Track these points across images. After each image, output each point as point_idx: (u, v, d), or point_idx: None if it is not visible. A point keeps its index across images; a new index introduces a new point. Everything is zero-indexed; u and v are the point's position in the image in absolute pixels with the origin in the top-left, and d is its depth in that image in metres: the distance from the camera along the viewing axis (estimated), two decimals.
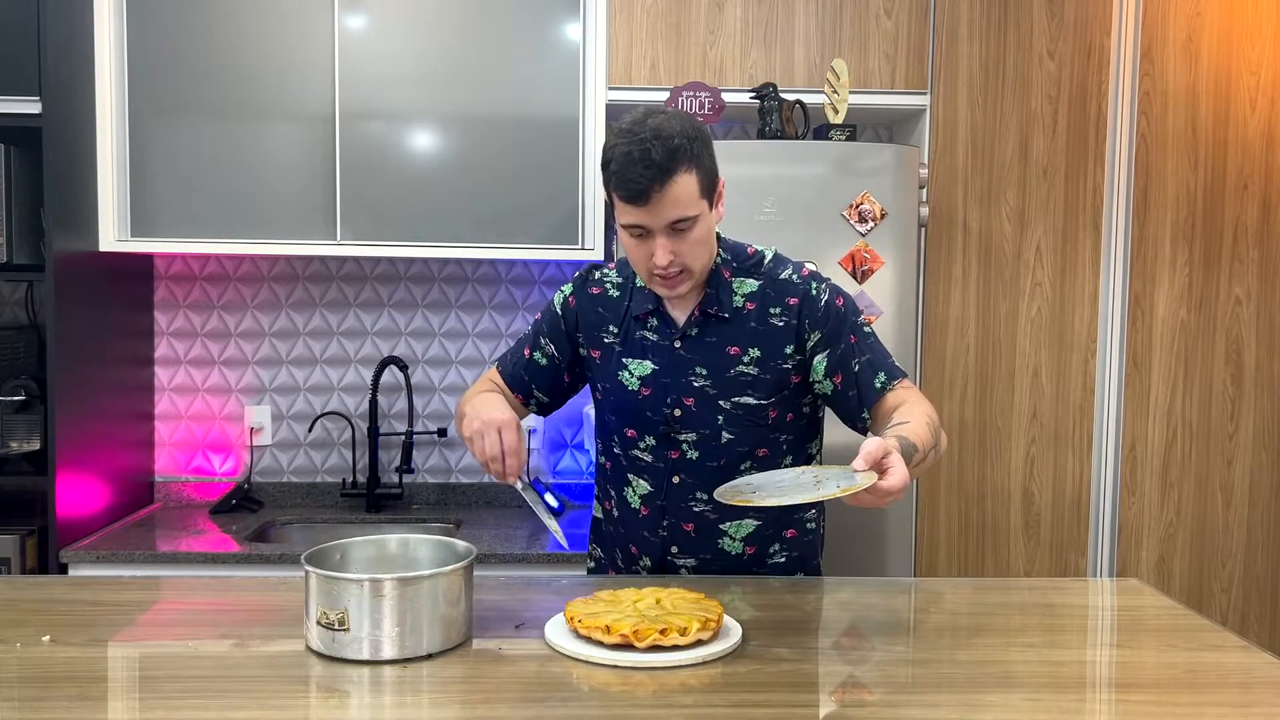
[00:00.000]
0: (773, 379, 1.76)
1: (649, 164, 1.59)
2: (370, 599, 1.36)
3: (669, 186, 1.61)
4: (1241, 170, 2.83)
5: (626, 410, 1.80)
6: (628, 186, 1.61)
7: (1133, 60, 2.81)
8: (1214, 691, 1.33)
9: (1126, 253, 2.84)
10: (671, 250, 1.65)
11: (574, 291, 1.87)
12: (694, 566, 1.82)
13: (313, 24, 2.74)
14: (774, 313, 1.76)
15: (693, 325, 1.76)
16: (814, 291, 1.77)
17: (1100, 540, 2.87)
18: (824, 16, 2.78)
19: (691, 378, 1.76)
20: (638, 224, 1.64)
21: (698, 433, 1.77)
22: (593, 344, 1.84)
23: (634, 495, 1.83)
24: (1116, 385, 2.86)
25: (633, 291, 1.82)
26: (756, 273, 1.79)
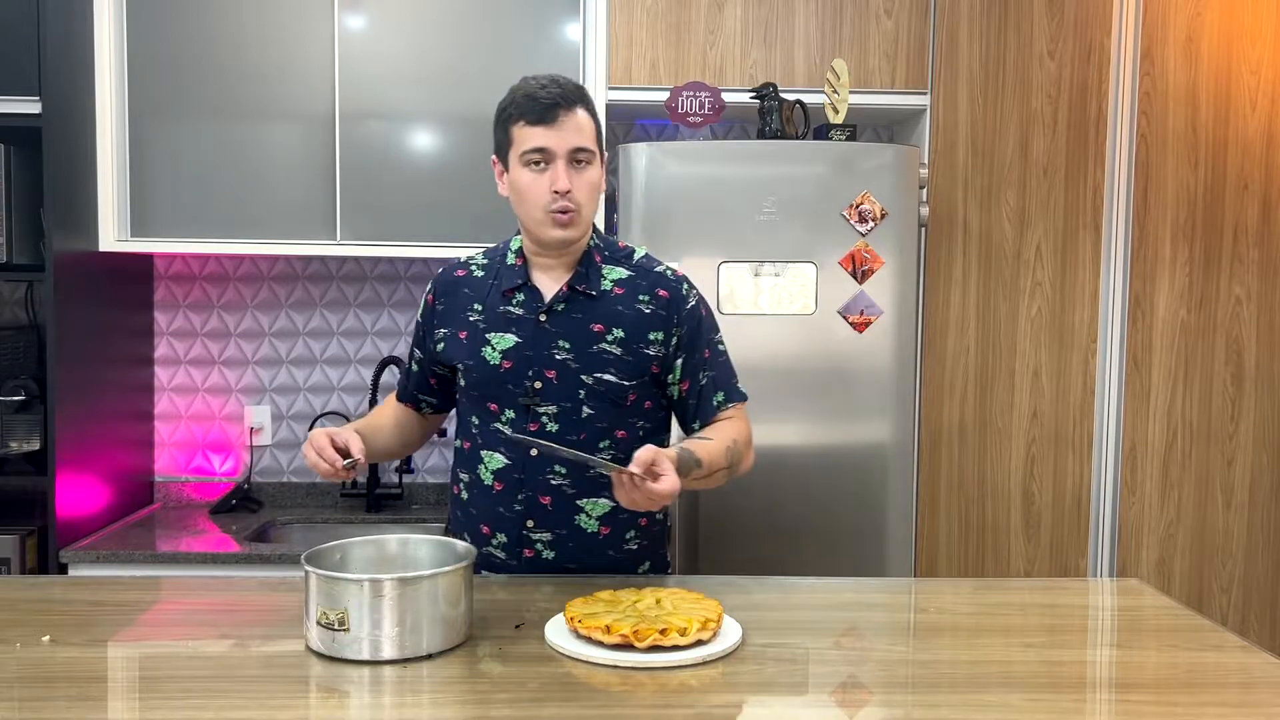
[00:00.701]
0: (634, 361, 1.81)
1: (557, 84, 1.75)
2: (370, 599, 1.36)
3: (575, 112, 1.75)
4: (1241, 170, 2.83)
5: (488, 383, 1.82)
6: (535, 108, 1.72)
7: (1133, 60, 2.81)
8: (1214, 691, 1.33)
9: (1126, 253, 2.84)
10: (570, 181, 1.74)
11: (434, 288, 1.92)
12: (550, 542, 1.82)
13: (313, 24, 2.74)
14: (643, 299, 1.83)
15: (559, 300, 1.81)
16: (684, 291, 1.86)
17: (1100, 540, 2.87)
18: (824, 16, 2.78)
19: (554, 350, 1.80)
20: (541, 147, 1.73)
21: (558, 405, 1.80)
22: (458, 326, 1.86)
23: (487, 472, 1.83)
24: (1116, 385, 2.86)
25: (500, 271, 1.87)
26: (627, 263, 1.87)
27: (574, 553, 1.83)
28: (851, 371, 2.55)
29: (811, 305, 2.54)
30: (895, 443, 2.58)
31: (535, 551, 1.82)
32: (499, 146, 1.81)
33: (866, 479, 2.57)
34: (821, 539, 2.55)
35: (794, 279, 2.54)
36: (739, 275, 2.53)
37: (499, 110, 1.79)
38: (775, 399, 2.53)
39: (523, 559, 1.83)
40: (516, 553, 1.82)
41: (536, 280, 1.83)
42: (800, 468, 2.55)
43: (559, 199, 1.73)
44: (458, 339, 1.85)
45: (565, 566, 1.82)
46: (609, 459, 1.79)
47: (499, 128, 1.79)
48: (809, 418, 2.55)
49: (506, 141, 1.77)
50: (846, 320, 2.55)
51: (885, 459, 2.57)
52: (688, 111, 2.62)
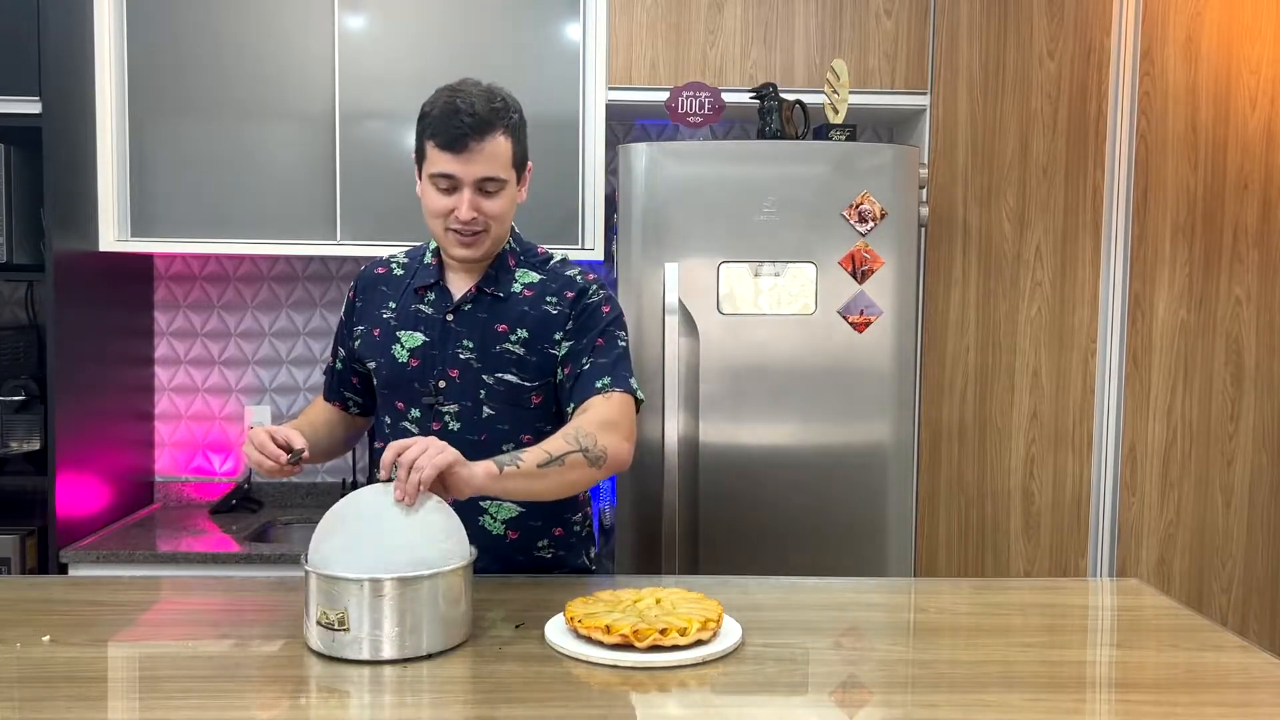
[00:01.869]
0: (538, 361, 1.81)
1: (472, 114, 1.69)
2: (370, 599, 1.36)
3: (486, 142, 1.70)
4: (1241, 170, 2.83)
5: (397, 382, 1.83)
6: (447, 133, 1.69)
7: (1133, 60, 2.81)
8: (1214, 691, 1.33)
9: (1126, 253, 2.84)
10: (475, 208, 1.72)
11: (355, 285, 1.94)
12: None
13: (313, 24, 2.74)
14: (550, 301, 1.84)
15: (467, 300, 1.83)
16: (591, 291, 1.85)
17: (1100, 540, 2.87)
18: (824, 16, 2.78)
19: (458, 349, 1.81)
20: (448, 174, 1.71)
21: (460, 404, 1.81)
22: (372, 324, 1.87)
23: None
24: (1116, 385, 2.86)
25: (417, 270, 1.88)
26: (542, 269, 1.87)
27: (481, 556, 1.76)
28: (851, 371, 2.55)
29: (811, 305, 2.54)
30: (895, 443, 2.58)
31: None
32: (416, 152, 1.79)
33: (866, 479, 2.57)
34: (821, 539, 2.55)
35: (794, 279, 2.54)
36: (739, 275, 2.53)
37: (420, 112, 1.75)
38: (775, 399, 2.53)
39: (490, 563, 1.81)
40: None
41: (449, 281, 1.85)
42: (800, 468, 2.55)
43: (459, 223, 1.74)
44: (371, 336, 1.87)
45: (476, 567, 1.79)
46: None
47: (417, 134, 1.77)
48: (809, 418, 2.55)
49: (421, 152, 1.76)
50: (846, 320, 2.55)
51: (885, 459, 2.57)
52: (688, 111, 2.62)
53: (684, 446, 2.51)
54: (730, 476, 2.54)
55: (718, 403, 2.53)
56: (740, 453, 2.54)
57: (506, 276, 1.84)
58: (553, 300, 1.83)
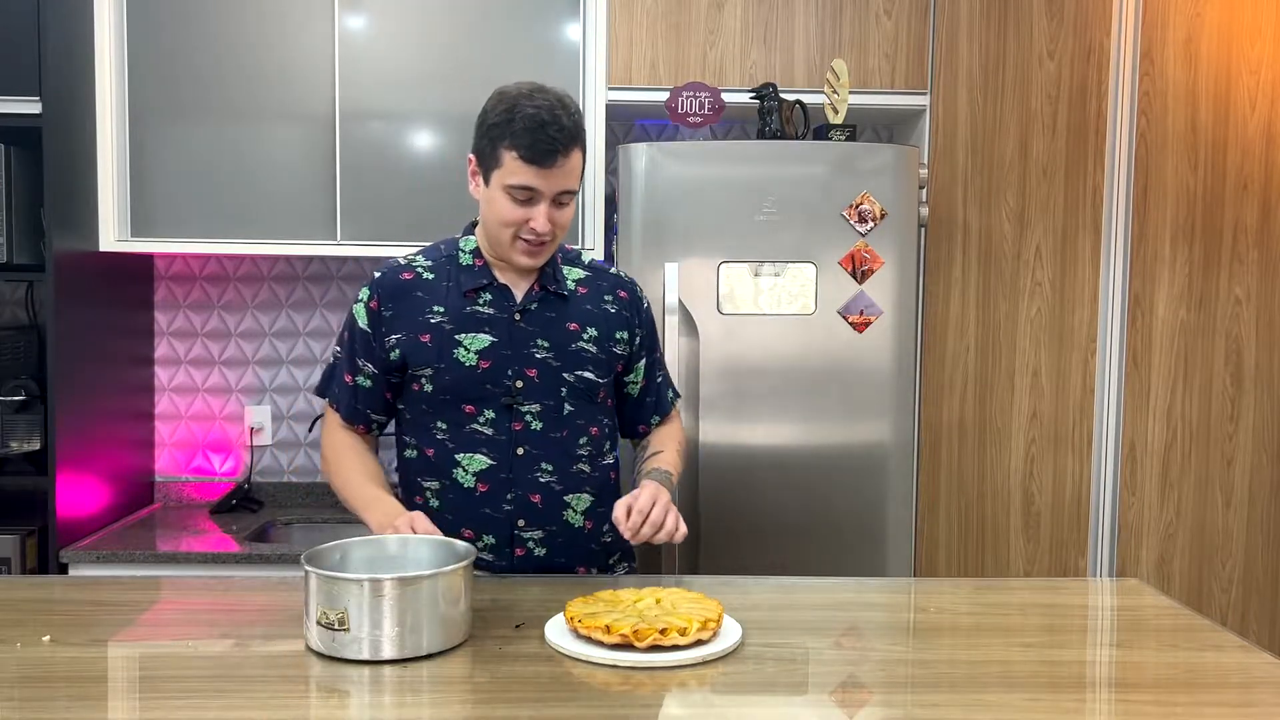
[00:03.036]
0: (606, 359, 1.86)
1: (560, 129, 1.67)
2: (370, 599, 1.36)
3: (572, 155, 1.71)
4: (1241, 170, 2.83)
5: (464, 385, 1.79)
6: (533, 146, 1.66)
7: (1133, 60, 2.81)
8: (1214, 691, 1.33)
9: (1126, 253, 2.84)
10: (551, 219, 1.72)
11: (376, 293, 1.83)
12: (541, 539, 1.83)
13: (313, 24, 2.74)
14: (607, 299, 1.88)
15: (532, 300, 1.82)
16: (639, 293, 1.94)
17: (1100, 540, 2.87)
18: (824, 16, 2.78)
19: (533, 349, 1.80)
20: (529, 186, 1.69)
21: (541, 404, 1.81)
22: (417, 330, 1.80)
23: (466, 475, 1.81)
24: (1116, 385, 2.86)
25: (452, 272, 1.83)
26: (581, 264, 1.91)
27: (563, 548, 1.85)
28: (851, 371, 2.55)
29: (811, 305, 2.54)
30: (895, 443, 2.58)
31: (526, 550, 1.83)
32: (481, 155, 1.74)
33: (866, 479, 2.57)
34: (821, 539, 2.55)
35: (794, 279, 2.54)
36: (739, 275, 2.53)
37: (489, 120, 1.71)
38: (775, 399, 2.53)
39: (514, 559, 1.83)
40: (506, 553, 1.82)
41: (503, 279, 1.82)
42: (800, 468, 2.55)
43: (534, 234, 1.73)
44: (419, 343, 1.80)
45: (554, 562, 1.84)
46: (586, 455, 1.86)
47: (486, 139, 1.72)
48: (809, 418, 2.55)
49: (493, 159, 1.71)
50: (846, 320, 2.55)
51: (885, 459, 2.57)
52: (688, 112, 2.62)
53: None
54: (730, 476, 2.54)
55: (718, 403, 2.53)
56: (740, 453, 2.54)
57: (560, 274, 1.86)
58: (609, 299, 1.88)
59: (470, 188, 1.80)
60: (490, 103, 1.74)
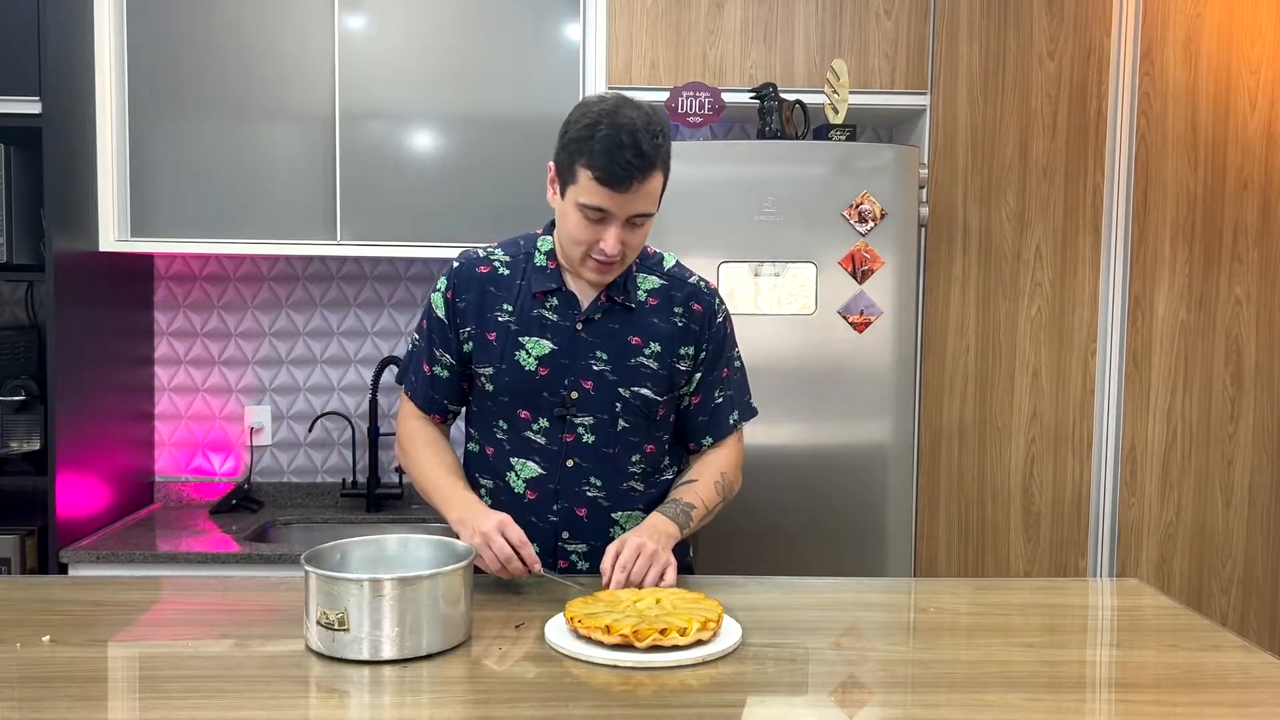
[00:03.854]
0: (667, 376, 1.80)
1: (639, 153, 1.61)
2: (370, 599, 1.36)
3: (649, 180, 1.64)
4: (1241, 170, 2.83)
5: (522, 390, 1.77)
6: (612, 170, 1.60)
7: (1133, 60, 2.81)
8: (1214, 691, 1.33)
9: (1126, 253, 2.84)
10: (623, 240, 1.67)
11: (452, 283, 1.81)
12: (585, 553, 1.81)
13: (313, 24, 2.74)
14: (677, 312, 1.81)
15: (596, 310, 1.77)
16: (716, 306, 1.85)
17: (1100, 540, 2.87)
18: (824, 16, 2.78)
19: (591, 361, 1.77)
20: (602, 208, 1.64)
21: (594, 417, 1.78)
22: (487, 326, 1.78)
23: (518, 480, 1.80)
24: (1116, 385, 2.86)
25: (527, 271, 1.79)
26: (659, 271, 1.84)
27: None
28: (851, 371, 2.55)
29: (811, 305, 2.54)
30: (895, 443, 2.58)
31: (570, 563, 1.82)
32: (559, 166, 1.69)
33: (866, 479, 2.57)
34: (821, 539, 2.55)
35: (794, 279, 2.54)
36: (739, 275, 2.53)
37: (570, 134, 1.65)
38: (775, 399, 2.53)
39: (558, 570, 1.81)
40: (550, 563, 1.80)
41: (572, 286, 1.78)
42: (800, 468, 2.55)
43: (603, 254, 1.67)
44: (485, 340, 1.78)
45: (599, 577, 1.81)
46: (639, 473, 1.82)
47: (564, 152, 1.66)
48: (809, 418, 2.55)
49: (569, 174, 1.66)
50: (846, 320, 2.55)
51: (885, 459, 2.57)
52: (688, 111, 2.62)
53: None
54: None
55: None
56: None
57: (632, 284, 1.79)
58: (679, 311, 1.81)
59: (548, 195, 1.76)
60: (574, 114, 1.67)
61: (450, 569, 1.42)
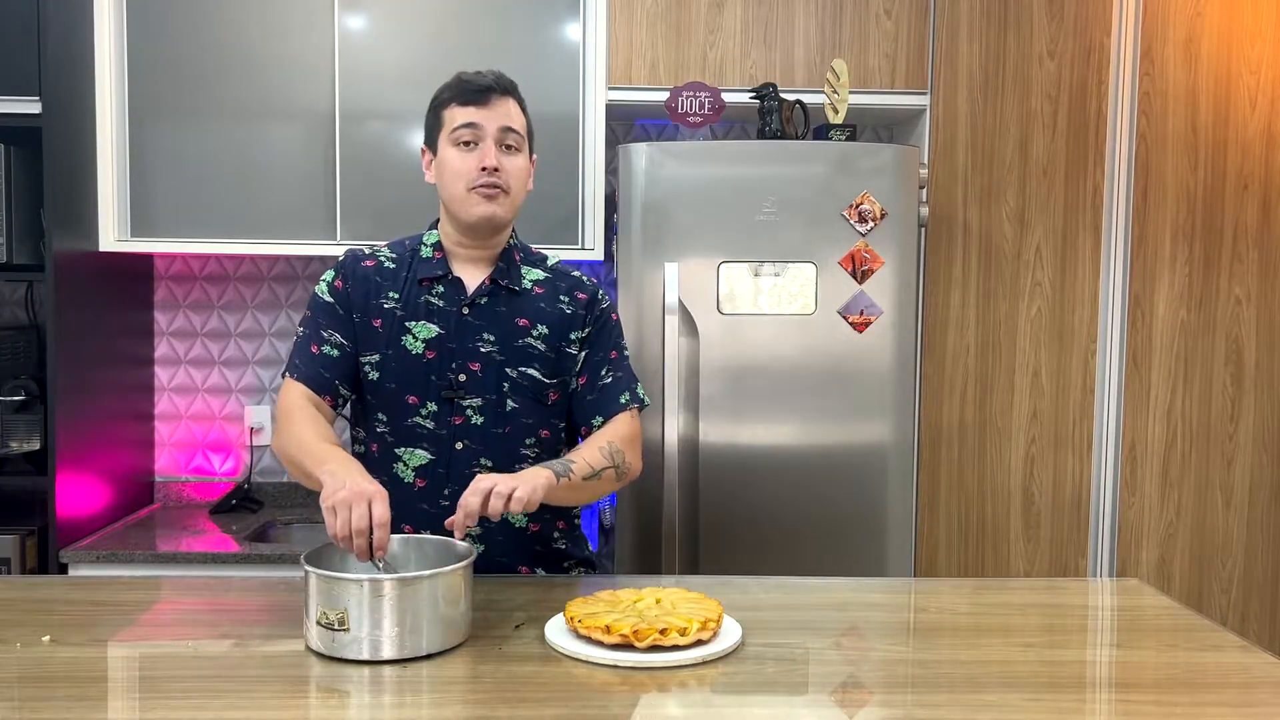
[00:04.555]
0: (556, 359, 1.83)
1: (494, 75, 1.79)
2: (370, 599, 1.36)
3: (507, 99, 1.79)
4: (1241, 170, 2.83)
5: (408, 374, 1.79)
6: (469, 89, 1.76)
7: (1133, 60, 2.81)
8: (1214, 691, 1.33)
9: (1126, 253, 2.84)
10: (499, 163, 1.75)
11: (339, 274, 1.83)
12: (479, 535, 1.79)
13: (313, 24, 2.74)
14: (564, 300, 1.86)
15: (482, 293, 1.82)
16: (599, 296, 1.91)
17: (1100, 540, 2.87)
18: (824, 16, 2.78)
19: (479, 343, 1.80)
20: (472, 123, 1.75)
21: (483, 398, 1.79)
22: (372, 314, 1.80)
23: (406, 469, 1.81)
24: (1116, 385, 2.86)
25: (413, 263, 1.84)
26: (543, 266, 1.90)
27: (502, 547, 1.82)
28: (851, 371, 2.55)
29: (811, 305, 2.54)
30: (895, 443, 2.58)
31: None
32: (429, 133, 1.83)
33: (866, 479, 2.57)
34: (821, 539, 2.55)
35: (794, 279, 2.54)
36: (739, 275, 2.53)
37: (432, 101, 1.82)
38: (775, 399, 2.53)
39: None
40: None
41: (458, 272, 1.83)
42: (800, 468, 2.55)
43: (485, 175, 1.74)
44: (371, 327, 1.80)
45: (494, 561, 1.81)
46: (533, 457, 1.82)
47: (430, 115, 1.82)
48: (809, 418, 2.55)
49: (436, 125, 1.80)
50: (846, 320, 2.55)
51: (885, 459, 2.57)
52: (688, 111, 2.62)
53: (684, 446, 2.51)
54: (730, 476, 2.54)
55: (718, 403, 2.53)
56: (740, 453, 2.54)
57: (516, 271, 1.85)
58: (565, 300, 1.86)
59: (426, 178, 1.85)
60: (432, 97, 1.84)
61: (450, 569, 1.42)
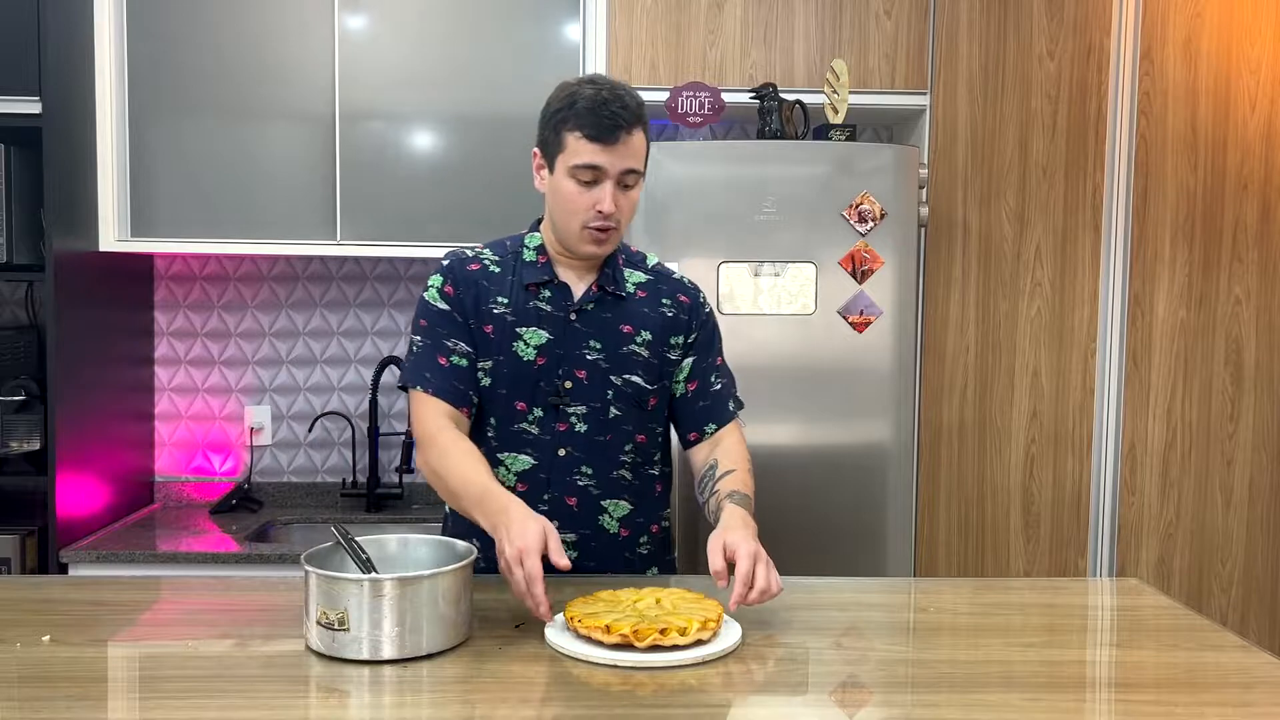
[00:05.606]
0: (658, 365, 1.82)
1: (623, 105, 1.67)
2: (370, 599, 1.36)
3: (634, 134, 1.69)
4: (1241, 170, 2.83)
5: (519, 380, 1.77)
6: (597, 125, 1.66)
7: (1133, 60, 2.81)
8: (1214, 691, 1.33)
9: (1126, 253, 2.84)
10: (616, 201, 1.70)
11: (448, 277, 1.79)
12: (574, 543, 1.80)
13: (313, 24, 2.74)
14: (665, 303, 1.84)
15: (589, 300, 1.79)
16: (701, 300, 1.90)
17: (1100, 540, 2.87)
18: (824, 16, 2.78)
19: (585, 350, 1.78)
20: (594, 165, 1.67)
21: (587, 406, 1.79)
22: (483, 319, 1.78)
23: (508, 474, 1.80)
24: (1116, 385, 2.86)
25: (517, 266, 1.81)
26: (644, 268, 1.88)
27: (595, 553, 1.82)
28: (851, 371, 2.55)
29: (811, 305, 2.54)
30: (895, 443, 2.58)
31: None
32: (545, 144, 1.73)
33: (866, 479, 2.57)
34: (821, 539, 2.55)
35: (794, 279, 2.54)
36: (739, 275, 2.53)
37: (552, 109, 1.71)
38: (775, 399, 2.53)
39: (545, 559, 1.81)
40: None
41: (563, 277, 1.79)
42: (800, 468, 2.55)
43: (600, 218, 1.69)
44: (483, 333, 1.78)
45: (585, 567, 1.80)
46: (630, 462, 1.82)
47: (549, 127, 1.72)
48: (809, 418, 2.55)
49: (557, 146, 1.70)
50: (846, 320, 2.55)
51: (885, 459, 2.57)
52: (688, 111, 2.62)
53: None
54: None
55: None
56: None
57: (620, 275, 1.82)
58: (668, 303, 1.84)
59: (535, 182, 1.78)
60: (552, 95, 1.74)
61: (450, 569, 1.42)
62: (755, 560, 1.51)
